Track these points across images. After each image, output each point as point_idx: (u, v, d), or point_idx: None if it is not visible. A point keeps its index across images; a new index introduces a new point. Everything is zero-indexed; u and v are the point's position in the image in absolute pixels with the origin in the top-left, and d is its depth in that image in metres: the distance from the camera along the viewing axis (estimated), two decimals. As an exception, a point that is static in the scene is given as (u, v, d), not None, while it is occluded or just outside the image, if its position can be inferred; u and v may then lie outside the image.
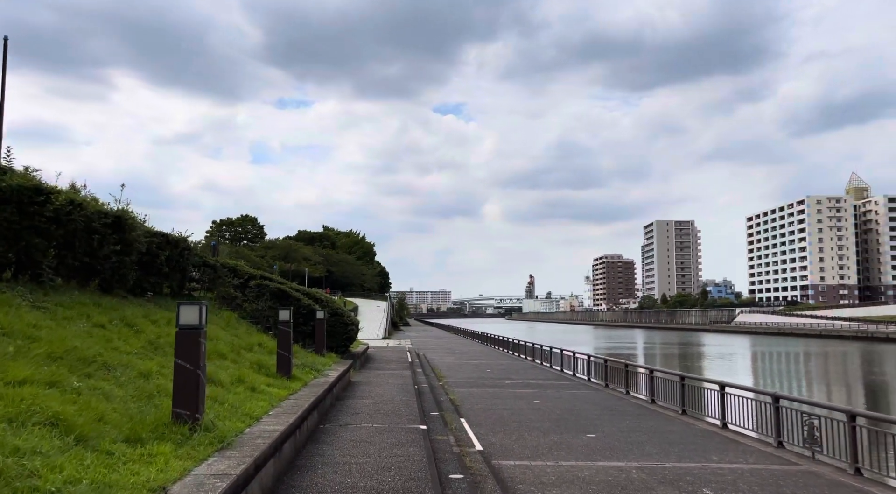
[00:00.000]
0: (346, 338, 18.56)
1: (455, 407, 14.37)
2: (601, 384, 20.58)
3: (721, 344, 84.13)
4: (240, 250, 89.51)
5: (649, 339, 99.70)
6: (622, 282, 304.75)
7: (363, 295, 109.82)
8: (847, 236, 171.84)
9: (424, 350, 36.66)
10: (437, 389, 17.74)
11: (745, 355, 64.04)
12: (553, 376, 23.50)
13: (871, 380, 39.11)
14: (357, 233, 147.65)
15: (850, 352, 65.59)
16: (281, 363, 10.08)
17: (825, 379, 40.62)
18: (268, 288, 15.19)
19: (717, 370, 46.49)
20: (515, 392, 18.13)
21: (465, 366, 26.87)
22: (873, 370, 46.28)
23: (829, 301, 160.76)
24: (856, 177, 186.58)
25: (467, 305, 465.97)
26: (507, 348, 38.70)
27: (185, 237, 13.95)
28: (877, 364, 50.62)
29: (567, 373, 24.27)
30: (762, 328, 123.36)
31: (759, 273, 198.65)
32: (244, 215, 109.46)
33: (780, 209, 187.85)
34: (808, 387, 36.12)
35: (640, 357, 59.87)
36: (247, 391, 8.06)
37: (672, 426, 13.04)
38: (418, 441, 8.76)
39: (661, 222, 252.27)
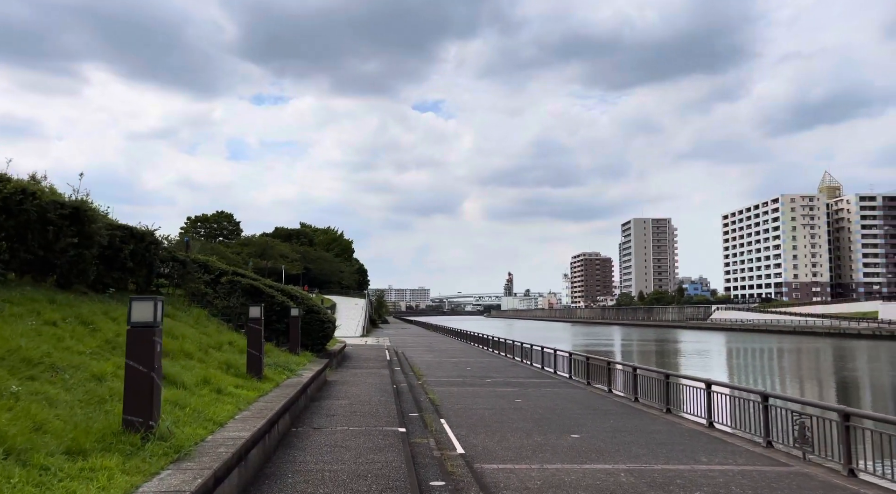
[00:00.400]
0: (322, 336, 17.99)
1: (435, 407, 13.90)
2: (583, 382, 20.26)
3: (698, 341, 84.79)
4: (215, 246, 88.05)
5: (627, 336, 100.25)
6: (600, 279, 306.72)
7: (341, 293, 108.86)
8: (820, 233, 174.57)
9: (403, 348, 36.15)
10: (417, 388, 17.26)
11: (722, 351, 64.52)
12: (534, 373, 23.15)
13: (844, 376, 39.47)
14: (335, 230, 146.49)
15: (823, 348, 66.44)
16: (251, 363, 9.50)
17: (798, 375, 40.91)
18: (240, 284, 14.57)
19: (694, 367, 46.65)
20: (496, 391, 17.72)
21: (444, 364, 26.43)
22: (847, 366, 46.79)
23: (802, 298, 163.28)
24: (828, 176, 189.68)
25: (446, 302, 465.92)
26: (486, 345, 38.34)
27: (152, 231, 13.28)
28: (849, 360, 51.23)
29: (548, 371, 23.93)
30: (737, 325, 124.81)
31: (735, 271, 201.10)
32: (220, 212, 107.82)
33: (755, 208, 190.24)
34: (782, 383, 36.27)
35: (618, 354, 59.98)
36: (212, 394, 7.49)
37: (657, 425, 12.71)
38: (397, 445, 8.27)
39: (638, 220, 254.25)
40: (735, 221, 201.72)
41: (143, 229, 13.12)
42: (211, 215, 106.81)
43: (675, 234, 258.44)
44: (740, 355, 60.10)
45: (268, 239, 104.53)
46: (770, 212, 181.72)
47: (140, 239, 12.51)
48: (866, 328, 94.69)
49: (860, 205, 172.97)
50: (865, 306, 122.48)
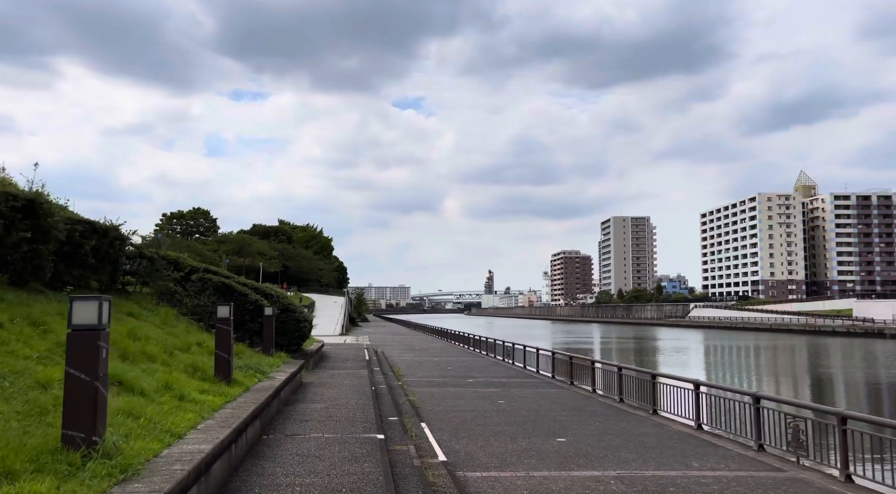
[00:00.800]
0: (298, 336, 17.38)
1: (415, 410, 13.39)
2: (566, 381, 19.88)
3: (677, 339, 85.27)
4: (191, 244, 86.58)
5: (607, 334, 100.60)
6: (580, 277, 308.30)
7: (320, 291, 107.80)
8: (795, 232, 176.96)
9: (383, 347, 35.57)
10: (396, 389, 16.73)
11: (701, 349, 64.82)
12: (516, 373, 22.73)
13: (821, 373, 39.69)
14: (314, 227, 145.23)
15: (799, 346, 67.12)
16: (219, 366, 8.89)
17: (775, 373, 41.05)
18: (211, 282, 13.91)
19: (675, 366, 46.66)
20: (478, 392, 17.26)
21: (425, 364, 25.92)
22: (823, 363, 47.16)
23: (778, 296, 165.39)
24: (804, 175, 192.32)
25: (427, 300, 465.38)
26: (468, 344, 37.90)
27: (117, 226, 12.58)
28: (824, 357, 51.69)
29: (530, 370, 23.53)
30: (715, 323, 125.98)
31: (712, 268, 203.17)
32: (196, 208, 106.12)
33: (733, 206, 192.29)
34: (763, 381, 36.31)
35: (599, 353, 59.97)
36: (174, 401, 6.90)
37: (645, 427, 12.32)
38: (374, 453, 7.74)
39: (617, 219, 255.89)
40: (713, 219, 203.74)
41: (106, 223, 12.42)
42: (187, 212, 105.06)
43: (653, 232, 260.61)
44: (719, 352, 60.41)
45: (245, 236, 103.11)
46: (747, 210, 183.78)
47: (103, 234, 11.81)
48: (841, 325, 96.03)
49: (835, 204, 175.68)
50: (840, 304, 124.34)
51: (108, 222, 12.44)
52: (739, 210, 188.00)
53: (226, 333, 8.92)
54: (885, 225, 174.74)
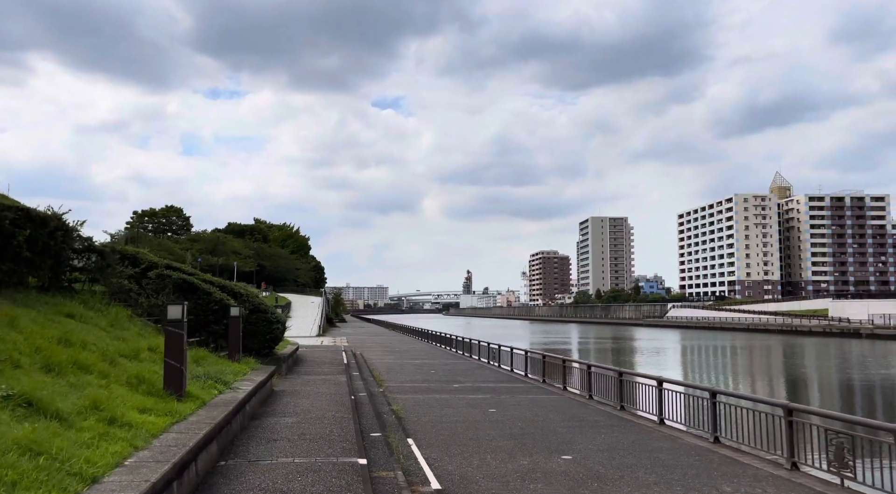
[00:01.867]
0: (269, 338, 15.90)
1: (400, 422, 12.01)
2: (558, 386, 18.64)
3: (657, 339, 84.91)
4: (163, 242, 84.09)
5: (587, 334, 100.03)
6: (558, 277, 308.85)
7: (297, 291, 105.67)
8: (771, 233, 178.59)
9: (362, 349, 34.08)
10: (378, 397, 15.32)
11: (687, 349, 64.23)
12: (504, 377, 21.44)
13: (801, 373, 39.13)
14: (291, 226, 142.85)
15: (779, 345, 66.98)
16: (169, 377, 7.41)
17: (768, 373, 40.39)
18: (170, 279, 12.38)
19: (660, 367, 45.82)
20: (466, 398, 15.93)
21: (406, 367, 24.52)
22: (804, 363, 46.74)
23: (754, 296, 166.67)
24: (779, 176, 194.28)
25: (405, 301, 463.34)
26: (450, 345, 36.55)
27: (59, 215, 11.01)
28: (822, 358, 51.31)
29: (518, 374, 22.26)
30: (693, 323, 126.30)
31: (690, 269, 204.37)
32: (169, 206, 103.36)
33: (710, 207, 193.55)
34: (750, 382, 35.53)
35: (581, 353, 59.06)
36: (100, 426, 5.43)
37: (656, 440, 11.08)
38: (355, 485, 6.35)
39: (595, 219, 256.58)
40: (690, 220, 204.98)
41: (44, 212, 10.84)
42: (159, 210, 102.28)
43: (631, 232, 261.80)
44: (704, 353, 59.79)
45: (220, 235, 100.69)
46: (724, 211, 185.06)
47: (41, 224, 10.24)
48: (817, 325, 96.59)
49: (809, 205, 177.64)
50: (816, 304, 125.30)
51: (48, 210, 10.87)
52: (716, 211, 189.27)
53: (177, 337, 7.44)
54: (858, 226, 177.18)
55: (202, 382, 8.68)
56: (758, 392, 29.18)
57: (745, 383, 35.35)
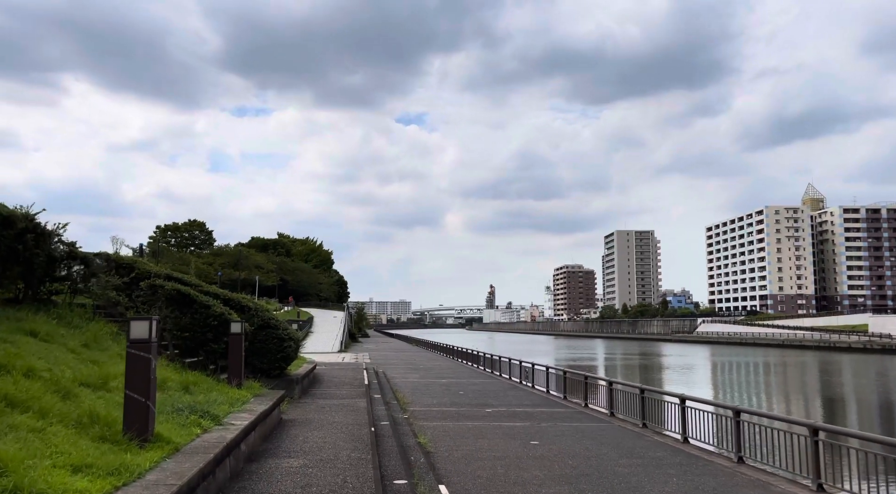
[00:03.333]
0: (280, 358, 14.16)
1: (428, 459, 10.13)
2: (604, 412, 16.61)
3: (688, 354, 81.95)
4: (185, 256, 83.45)
5: (617, 350, 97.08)
6: (583, 292, 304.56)
7: (319, 305, 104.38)
8: (804, 246, 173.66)
9: (384, 367, 32.24)
10: (402, 425, 13.45)
11: (725, 367, 61.29)
12: (540, 400, 19.43)
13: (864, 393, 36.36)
14: (314, 240, 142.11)
15: (825, 363, 63.75)
16: (131, 416, 5.58)
17: (838, 394, 37.65)
18: (163, 290, 10.71)
19: (700, 387, 43.27)
20: (502, 427, 13.99)
21: (432, 387, 22.63)
22: (861, 381, 43.82)
23: (787, 311, 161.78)
24: (812, 188, 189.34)
25: (428, 315, 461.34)
26: (476, 363, 34.53)
27: (30, 215, 9.42)
28: (857, 376, 48.32)
29: (556, 396, 20.24)
30: (724, 338, 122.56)
31: (719, 283, 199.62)
32: (192, 220, 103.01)
33: (739, 219, 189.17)
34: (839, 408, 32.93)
35: (613, 371, 56.52)
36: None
37: (743, 486, 9.05)
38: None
39: (621, 232, 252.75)
40: (719, 233, 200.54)
41: (18, 211, 9.23)
42: (182, 224, 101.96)
43: (657, 246, 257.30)
44: (751, 370, 56.77)
45: (242, 249, 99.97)
46: (754, 224, 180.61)
47: (4, 224, 8.62)
48: (857, 341, 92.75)
49: (844, 217, 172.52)
50: (853, 319, 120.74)
51: (20, 209, 9.27)
52: (746, 224, 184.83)
53: (142, 363, 5.67)
54: (895, 239, 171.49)
55: (183, 417, 6.91)
56: (846, 420, 26.71)
57: (816, 405, 32.79)
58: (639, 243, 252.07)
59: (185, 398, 8.05)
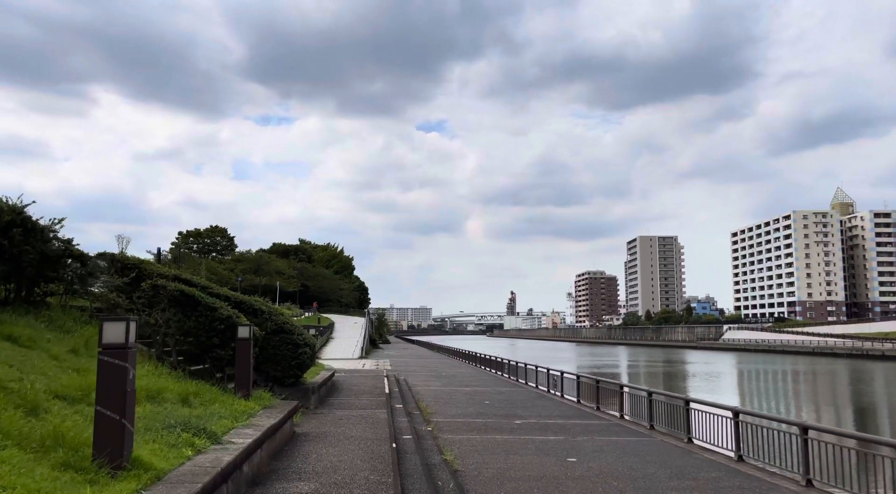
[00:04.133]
0: (295, 365, 13.19)
1: (455, 478, 9.07)
2: (643, 425, 15.40)
3: (717, 362, 79.85)
4: (207, 262, 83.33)
5: (642, 357, 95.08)
6: (605, 298, 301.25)
7: (340, 311, 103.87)
8: (834, 251, 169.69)
9: (405, 374, 31.21)
10: (426, 439, 12.38)
11: (759, 375, 59.25)
12: (571, 410, 18.25)
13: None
14: (335, 246, 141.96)
15: (859, 370, 61.50)
16: (103, 437, 4.57)
17: (869, 402, 35.84)
18: (165, 291, 9.79)
19: (727, 394, 41.62)
20: (534, 441, 12.86)
21: (455, 396, 21.53)
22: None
23: (816, 318, 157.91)
24: (841, 192, 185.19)
25: (448, 322, 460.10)
26: (500, 370, 33.35)
27: (18, 207, 8.56)
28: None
29: (587, 406, 19.04)
30: (752, 346, 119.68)
31: (745, 289, 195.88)
32: (213, 226, 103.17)
33: (766, 224, 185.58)
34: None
35: (625, 376, 54.88)
36: None
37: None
38: None
39: (644, 238, 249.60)
40: (745, 238, 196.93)
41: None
42: (204, 230, 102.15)
43: (681, 252, 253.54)
44: (789, 379, 54.78)
45: (263, 254, 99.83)
46: (781, 229, 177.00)
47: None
48: (891, 349, 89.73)
49: (875, 222, 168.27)
50: (886, 326, 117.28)
51: (5, 201, 8.42)
52: (773, 229, 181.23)
53: (117, 373, 4.68)
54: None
55: (174, 435, 5.92)
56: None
57: (883, 416, 31.10)
58: (662, 248, 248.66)
59: (182, 411, 7.09)
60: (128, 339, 4.88)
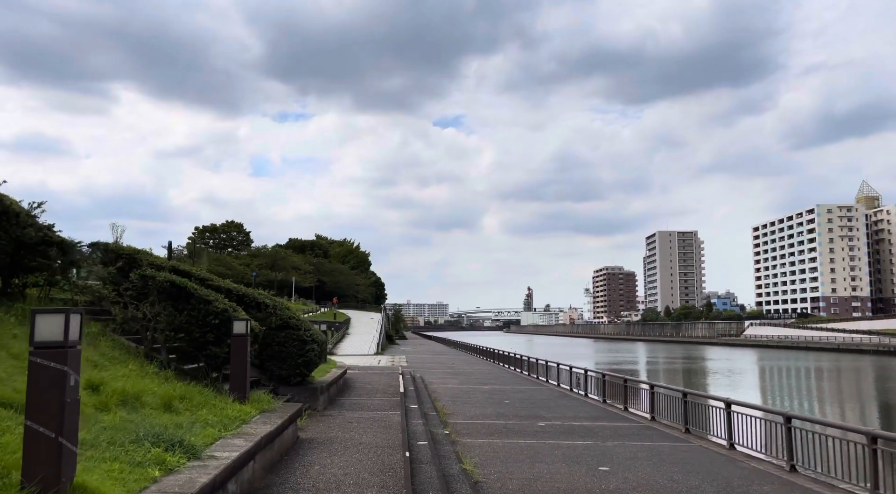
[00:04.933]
0: (302, 363, 12.22)
1: (475, 491, 8.04)
2: (676, 427, 14.27)
3: (737, 359, 78.04)
4: (222, 257, 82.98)
5: (662, 354, 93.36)
6: (623, 294, 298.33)
7: (357, 307, 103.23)
8: (859, 246, 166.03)
9: (422, 371, 30.24)
10: (442, 443, 11.36)
11: (790, 372, 57.53)
12: (598, 411, 17.13)
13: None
14: (351, 242, 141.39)
15: (888, 367, 59.55)
16: (34, 458, 3.58)
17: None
18: (153, 281, 8.80)
19: (753, 391, 40.18)
20: (560, 446, 11.80)
21: (474, 394, 20.51)
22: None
23: (840, 314, 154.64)
24: (866, 185, 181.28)
25: (465, 318, 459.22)
26: (520, 367, 32.26)
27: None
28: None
29: (615, 407, 17.91)
30: (774, 342, 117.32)
31: (767, 285, 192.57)
32: (229, 221, 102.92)
33: (788, 219, 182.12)
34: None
35: (644, 373, 53.45)
36: None
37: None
38: None
39: (663, 233, 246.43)
40: (767, 233, 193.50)
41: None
42: (220, 225, 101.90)
43: (701, 247, 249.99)
44: (825, 376, 52.99)
45: (279, 250, 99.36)
46: (805, 223, 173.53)
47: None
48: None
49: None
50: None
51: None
52: (796, 223, 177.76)
53: (52, 379, 3.67)
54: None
55: (143, 450, 4.94)
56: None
57: None
58: (682, 243, 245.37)
59: (162, 419, 6.13)
60: (67, 335, 3.89)
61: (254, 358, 12.20)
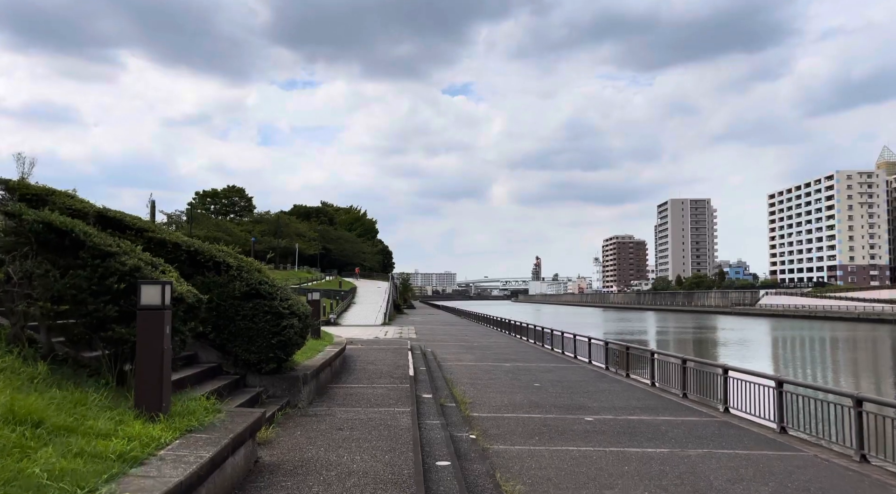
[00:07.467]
0: (277, 343, 9.04)
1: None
2: (764, 425, 11.09)
3: (753, 328, 75.02)
4: (222, 222, 79.97)
5: (670, 323, 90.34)
6: (633, 263, 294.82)
7: (363, 275, 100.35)
8: (879, 213, 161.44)
9: (433, 344, 27.15)
10: (470, 458, 8.16)
11: (813, 342, 54.29)
12: (652, 399, 13.92)
13: None
14: (358, 209, 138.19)
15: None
16: None
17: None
18: (26, 223, 5.50)
19: (796, 367, 37.02)
20: (629, 457, 8.62)
21: (495, 375, 17.37)
22: None
23: (858, 282, 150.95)
24: (888, 150, 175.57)
25: (473, 287, 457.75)
26: (539, 340, 29.13)
27: None
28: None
29: (669, 392, 14.73)
30: (791, 311, 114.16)
31: (781, 253, 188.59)
32: (231, 186, 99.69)
33: (806, 185, 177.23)
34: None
35: (656, 344, 50.36)
36: None
37: None
38: None
39: (675, 201, 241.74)
40: (783, 200, 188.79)
41: None
42: (221, 191, 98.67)
43: (714, 215, 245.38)
44: (873, 347, 49.75)
45: (282, 216, 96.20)
46: (823, 190, 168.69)
47: None
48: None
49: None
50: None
51: None
52: (814, 190, 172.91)
53: None
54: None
55: None
56: None
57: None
58: (694, 212, 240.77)
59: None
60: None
61: (212, 338, 8.98)
